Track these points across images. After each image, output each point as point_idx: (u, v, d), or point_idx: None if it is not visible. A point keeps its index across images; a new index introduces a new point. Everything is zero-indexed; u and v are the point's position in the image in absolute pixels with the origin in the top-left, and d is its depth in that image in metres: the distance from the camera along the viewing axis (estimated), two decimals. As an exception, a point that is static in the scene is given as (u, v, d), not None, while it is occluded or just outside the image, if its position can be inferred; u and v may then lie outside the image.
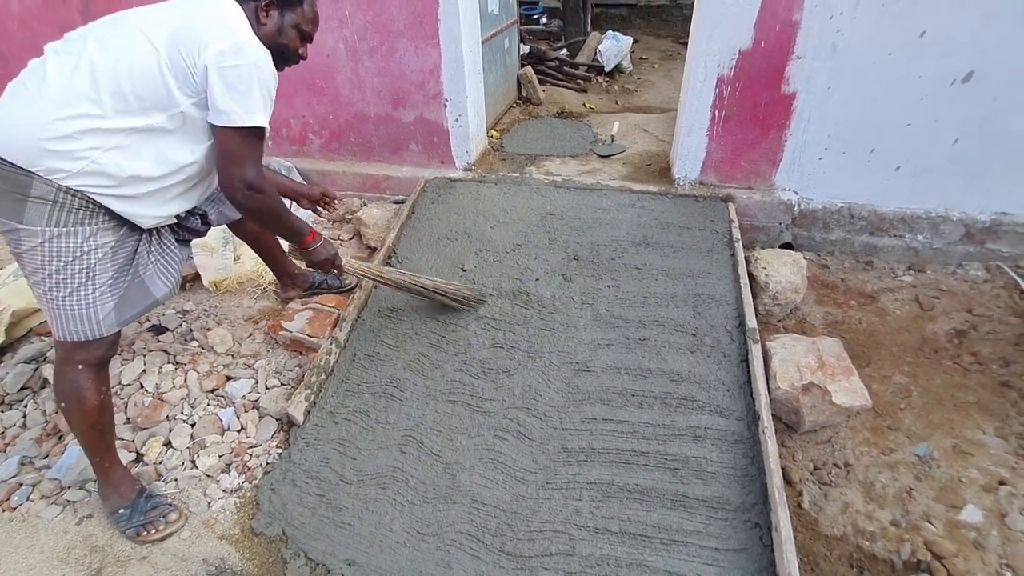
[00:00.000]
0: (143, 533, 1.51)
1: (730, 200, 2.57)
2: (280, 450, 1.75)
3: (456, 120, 2.83)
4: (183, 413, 1.86)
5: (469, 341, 1.98)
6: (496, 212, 2.58)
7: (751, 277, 2.20)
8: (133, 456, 1.73)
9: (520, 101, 4.15)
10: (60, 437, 1.80)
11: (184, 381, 1.96)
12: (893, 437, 1.75)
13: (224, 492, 1.64)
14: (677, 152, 2.69)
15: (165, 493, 1.62)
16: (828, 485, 1.63)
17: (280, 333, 2.08)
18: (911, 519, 1.53)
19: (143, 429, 1.80)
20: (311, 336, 2.05)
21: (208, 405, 1.89)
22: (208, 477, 1.68)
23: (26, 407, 1.90)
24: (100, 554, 1.50)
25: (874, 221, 2.51)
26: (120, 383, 1.95)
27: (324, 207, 2.11)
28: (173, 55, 1.28)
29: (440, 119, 2.84)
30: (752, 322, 1.94)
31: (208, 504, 1.61)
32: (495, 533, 1.47)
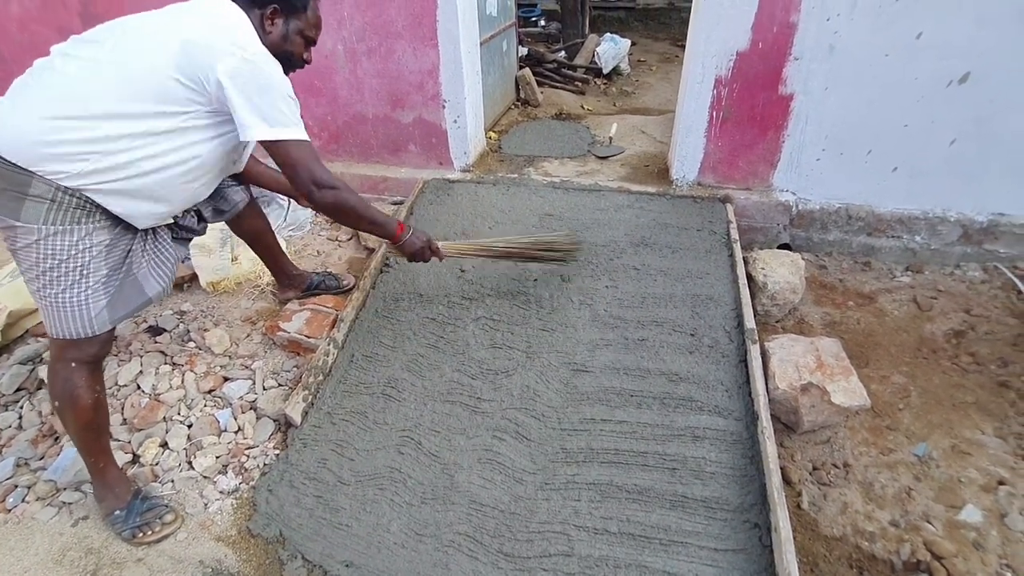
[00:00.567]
0: (139, 535, 1.50)
1: (728, 201, 2.57)
2: (277, 451, 1.74)
3: (454, 121, 2.83)
4: (180, 414, 1.85)
5: (467, 341, 1.98)
6: (495, 213, 2.58)
7: (749, 278, 2.20)
8: (129, 457, 1.72)
9: (518, 103, 4.16)
10: (56, 438, 1.79)
11: (181, 382, 1.96)
12: (892, 437, 1.75)
13: (221, 493, 1.63)
14: (675, 153, 2.70)
15: (161, 494, 1.61)
16: (827, 485, 1.63)
17: (278, 334, 2.07)
18: (910, 519, 1.52)
19: (139, 430, 1.79)
20: (309, 337, 2.04)
21: (205, 406, 1.88)
22: (205, 478, 1.67)
23: (22, 408, 1.89)
24: (96, 556, 1.49)
25: (872, 222, 2.52)
26: (117, 384, 1.94)
27: None
28: (183, 64, 1.28)
29: (438, 120, 2.84)
30: (750, 322, 1.94)
31: (205, 505, 1.60)
32: (493, 534, 1.47)
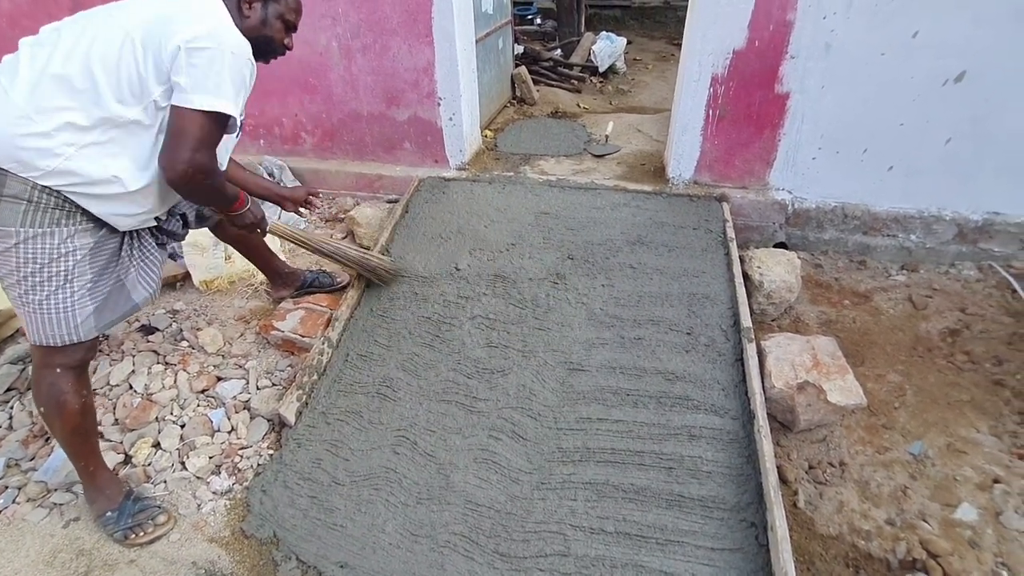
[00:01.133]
0: (131, 536, 1.48)
1: (724, 200, 2.57)
2: (271, 451, 1.73)
3: (450, 119, 2.82)
4: (173, 414, 1.83)
5: (463, 340, 1.97)
6: (490, 211, 2.57)
7: (745, 276, 2.20)
8: (121, 458, 1.70)
9: (514, 101, 4.15)
10: (47, 439, 1.77)
11: (174, 382, 1.94)
12: (888, 436, 1.75)
13: (214, 494, 1.61)
14: (671, 152, 2.69)
15: (154, 495, 1.60)
16: (823, 484, 1.63)
17: (271, 333, 2.06)
18: (906, 518, 1.52)
19: (132, 430, 1.77)
20: (303, 336, 2.02)
21: (198, 406, 1.86)
22: (198, 479, 1.66)
23: (12, 409, 1.87)
24: (87, 558, 1.47)
25: (867, 221, 2.52)
26: (108, 383, 1.92)
27: (308, 207, 2.06)
28: (148, 42, 1.24)
29: (434, 118, 2.83)
30: (747, 321, 1.93)
31: (198, 506, 1.59)
32: (489, 534, 1.46)
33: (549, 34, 5.67)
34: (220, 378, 1.96)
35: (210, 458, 1.70)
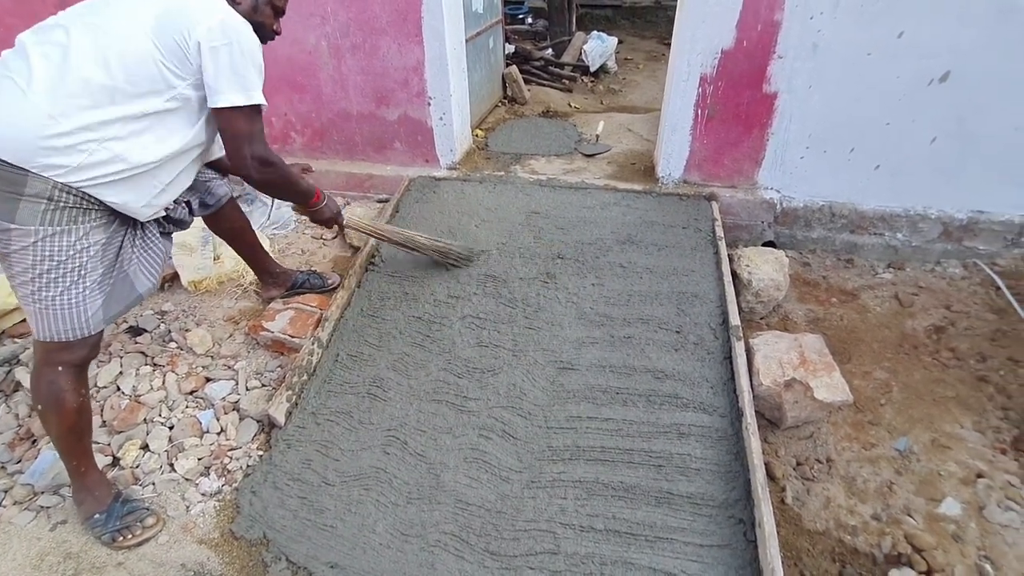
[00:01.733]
0: (118, 539, 1.47)
1: (713, 199, 2.59)
2: (261, 452, 1.72)
3: (440, 118, 2.81)
4: (161, 415, 1.82)
5: (453, 340, 1.97)
6: (481, 211, 2.57)
7: (734, 275, 2.22)
8: (109, 460, 1.69)
9: (505, 100, 4.15)
10: (33, 442, 1.75)
11: (162, 383, 1.92)
12: (874, 432, 1.77)
13: (203, 495, 1.61)
14: (661, 151, 2.70)
15: (142, 497, 1.59)
16: (810, 480, 1.65)
17: (261, 334, 2.05)
18: (892, 513, 1.54)
19: (119, 432, 1.76)
20: (293, 336, 2.02)
21: (187, 407, 1.85)
22: (187, 480, 1.65)
23: (-3, 411, 1.85)
24: (75, 560, 1.46)
25: (855, 219, 2.55)
26: (96, 385, 1.90)
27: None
28: (164, 39, 1.29)
29: (424, 117, 2.83)
30: (735, 319, 1.95)
31: (187, 508, 1.58)
32: (480, 533, 1.46)
33: (540, 33, 5.67)
34: (209, 379, 1.95)
35: (199, 460, 1.69)
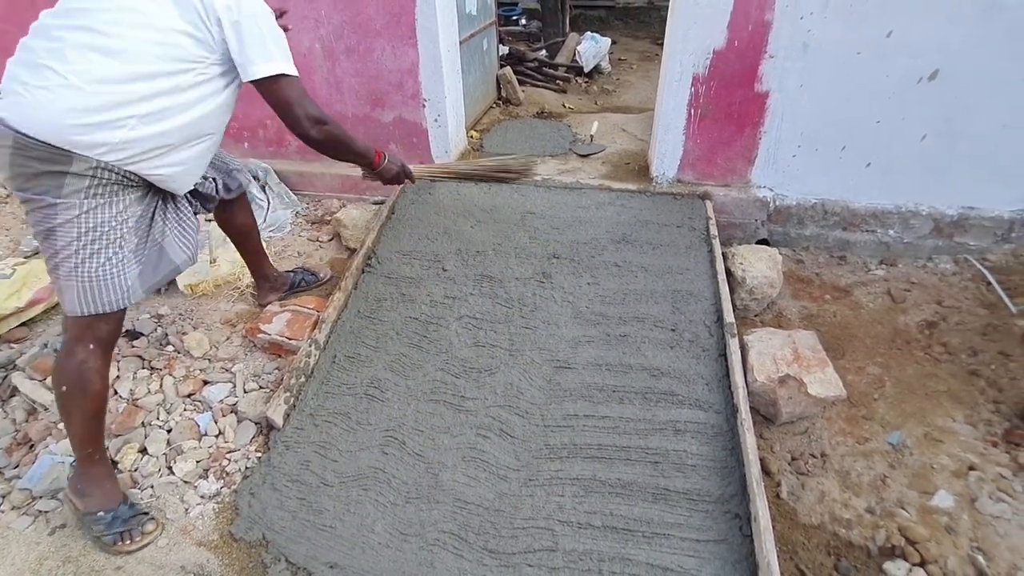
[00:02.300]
0: (119, 543, 1.47)
1: (707, 197, 2.61)
2: (259, 454, 1.73)
3: (435, 120, 2.82)
4: (159, 419, 1.82)
5: (450, 340, 1.98)
6: (476, 212, 2.58)
7: (728, 273, 2.24)
8: (107, 464, 1.69)
9: (500, 102, 4.16)
10: (31, 446, 1.75)
11: (160, 386, 1.93)
12: (867, 426, 1.79)
13: (202, 498, 1.61)
14: (655, 151, 2.72)
15: (141, 501, 1.59)
16: (805, 475, 1.66)
17: (258, 336, 2.05)
18: (885, 506, 1.56)
19: (118, 436, 1.76)
20: (290, 338, 2.02)
21: (185, 410, 1.86)
22: (185, 483, 1.65)
23: (-6, 416, 1.85)
24: (74, 564, 1.46)
25: (847, 217, 2.57)
26: (93, 390, 1.90)
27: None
28: (188, 14, 1.33)
29: (419, 119, 2.84)
30: (730, 317, 1.97)
31: (186, 511, 1.58)
32: (478, 531, 1.47)
33: (534, 35, 5.69)
34: (206, 382, 1.95)
35: (197, 462, 1.70)
